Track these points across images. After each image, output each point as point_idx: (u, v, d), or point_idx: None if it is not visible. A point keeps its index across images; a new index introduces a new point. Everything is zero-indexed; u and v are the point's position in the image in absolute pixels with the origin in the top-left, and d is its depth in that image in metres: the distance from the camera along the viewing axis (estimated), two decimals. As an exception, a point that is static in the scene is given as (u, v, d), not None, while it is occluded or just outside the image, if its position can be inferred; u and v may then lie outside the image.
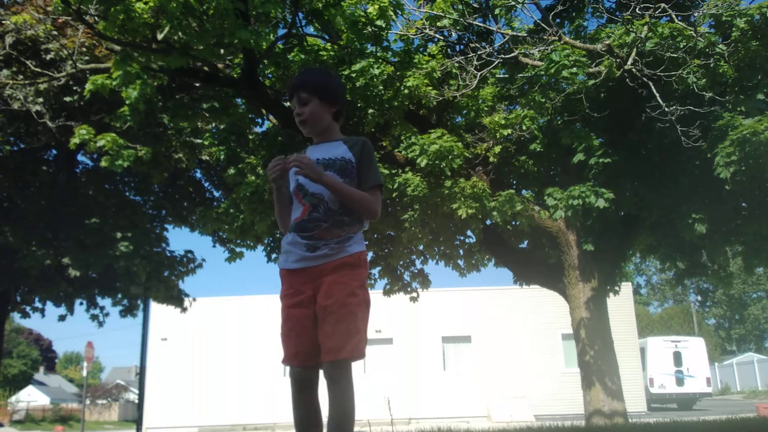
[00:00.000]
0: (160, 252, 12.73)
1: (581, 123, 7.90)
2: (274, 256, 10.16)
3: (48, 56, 9.58)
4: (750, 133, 6.42)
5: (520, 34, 7.74)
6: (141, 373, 18.42)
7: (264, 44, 6.97)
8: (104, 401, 43.97)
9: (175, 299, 13.28)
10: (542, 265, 9.66)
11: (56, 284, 12.23)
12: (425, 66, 7.74)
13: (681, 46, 6.80)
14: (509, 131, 7.90)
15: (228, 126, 9.07)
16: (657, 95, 6.66)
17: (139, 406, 18.15)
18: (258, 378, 21.06)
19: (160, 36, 6.71)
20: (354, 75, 7.41)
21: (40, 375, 57.70)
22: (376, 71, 7.41)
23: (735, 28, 6.86)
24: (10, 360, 49.82)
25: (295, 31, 7.78)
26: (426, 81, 7.64)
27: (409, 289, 10.57)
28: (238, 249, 10.23)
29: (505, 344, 21.17)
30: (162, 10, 6.35)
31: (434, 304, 20.21)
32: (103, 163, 8.09)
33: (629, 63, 6.74)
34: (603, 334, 8.66)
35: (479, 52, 7.62)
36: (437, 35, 8.39)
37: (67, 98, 10.00)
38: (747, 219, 7.81)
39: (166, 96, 9.07)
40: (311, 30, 8.08)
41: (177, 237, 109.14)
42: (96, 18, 6.84)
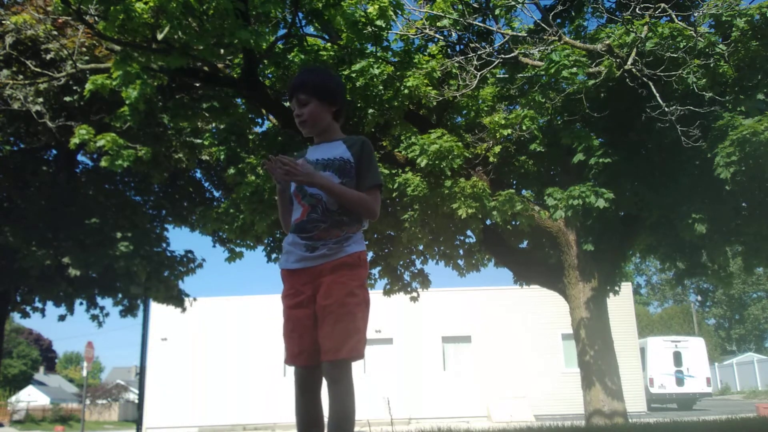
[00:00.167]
0: (160, 252, 12.73)
1: (581, 123, 7.90)
2: (274, 256, 10.16)
3: (48, 56, 9.58)
4: (750, 133, 6.42)
5: (520, 34, 7.74)
6: (141, 373, 18.42)
7: (264, 44, 6.97)
8: (104, 401, 43.96)
9: (175, 299, 13.28)
10: (542, 265, 9.66)
11: (56, 284, 12.23)
12: (425, 66, 7.73)
13: (681, 46, 6.79)
14: (509, 131, 7.90)
15: (228, 126, 9.07)
16: (657, 95, 6.66)
17: (139, 406, 18.15)
18: (258, 378, 21.07)
19: (160, 36, 6.71)
20: (354, 75, 7.41)
21: (40, 375, 57.69)
22: (376, 71, 7.41)
23: (735, 28, 6.86)
24: (10, 360, 49.81)
25: (295, 31, 7.78)
26: (426, 81, 7.64)
27: (409, 289, 10.57)
28: (238, 249, 10.26)
29: (505, 344, 21.17)
30: (162, 10, 6.35)
31: (434, 304, 20.21)
32: (103, 163, 8.10)
33: (629, 63, 6.74)
34: (603, 334, 8.66)
35: (479, 52, 7.62)
36: (437, 35, 8.38)
37: (67, 98, 10.00)
38: (747, 219, 7.81)
39: (166, 96, 9.07)
40: (311, 30, 8.09)
41: (177, 237, 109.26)
42: (96, 18, 6.84)
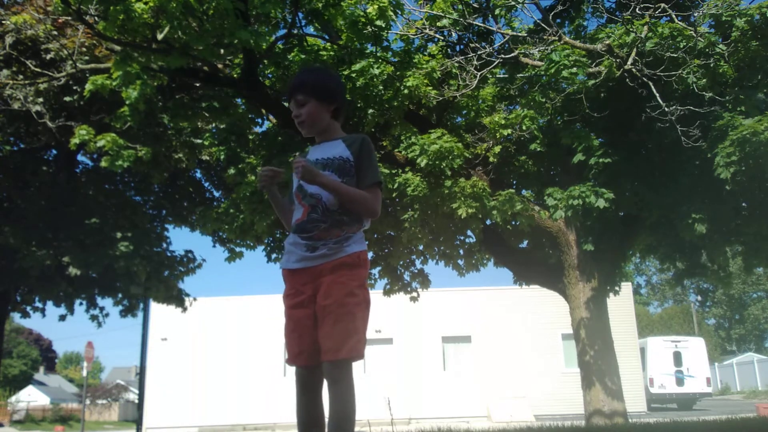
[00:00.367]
0: (160, 252, 12.73)
1: (581, 123, 7.90)
2: (274, 256, 10.17)
3: (48, 56, 9.58)
4: (750, 133, 6.43)
5: (520, 34, 7.74)
6: (141, 373, 18.42)
7: (264, 44, 6.97)
8: (104, 401, 43.97)
9: (176, 299, 13.28)
10: (542, 265, 9.66)
11: (56, 284, 12.23)
12: (425, 66, 7.73)
13: (681, 46, 6.79)
14: (509, 131, 7.90)
15: (228, 126, 9.07)
16: (657, 95, 6.66)
17: (139, 406, 18.15)
18: (258, 378, 21.07)
19: (160, 36, 6.71)
20: (354, 75, 7.41)
21: (40, 375, 57.68)
22: (376, 71, 7.40)
23: (735, 28, 6.86)
24: (10, 360, 49.81)
25: (295, 31, 7.78)
26: (426, 81, 7.63)
27: (409, 289, 10.57)
28: (238, 249, 10.26)
29: (505, 344, 21.17)
30: (162, 10, 6.35)
31: (434, 304, 20.20)
32: (103, 164, 8.10)
33: (629, 63, 6.74)
34: (603, 334, 8.66)
35: (479, 52, 7.62)
36: (437, 35, 8.38)
37: (67, 98, 10.00)
38: (747, 219, 7.81)
39: (166, 96, 9.07)
40: (311, 30, 8.09)
41: (177, 237, 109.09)
42: (96, 18, 6.84)
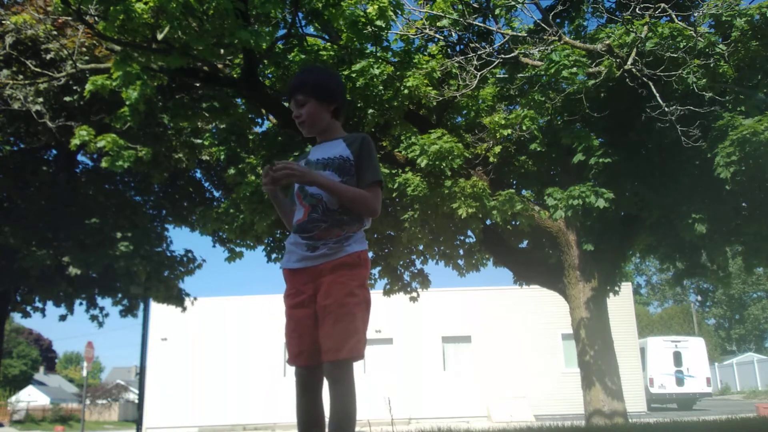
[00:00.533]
0: (161, 252, 12.73)
1: (581, 123, 7.90)
2: (274, 256, 10.17)
3: (48, 56, 9.58)
4: (750, 133, 6.43)
5: (520, 34, 7.74)
6: (141, 373, 18.42)
7: (264, 44, 6.97)
8: (104, 401, 43.97)
9: (176, 299, 13.29)
10: (542, 265, 9.66)
11: (56, 284, 12.23)
12: (425, 66, 7.73)
13: (681, 46, 6.79)
14: (509, 131, 7.90)
15: (228, 126, 9.08)
16: (657, 95, 6.66)
17: (139, 406, 18.14)
18: (258, 378, 21.07)
19: (160, 36, 6.71)
20: (354, 75, 7.41)
21: (40, 375, 57.68)
22: (376, 71, 7.40)
23: (735, 28, 6.86)
24: (10, 360, 49.81)
25: (295, 31, 7.78)
26: (426, 81, 7.63)
27: (409, 289, 10.57)
28: (238, 249, 10.26)
29: (505, 344, 21.17)
30: (162, 10, 6.35)
31: (434, 304, 20.20)
32: (104, 164, 8.10)
33: (629, 63, 6.74)
34: (603, 334, 8.66)
35: (479, 52, 7.62)
36: (437, 35, 8.38)
37: (67, 98, 10.00)
38: (747, 219, 7.82)
39: (166, 96, 9.07)
40: (311, 30, 8.08)
41: (177, 237, 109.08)
42: (96, 18, 6.83)
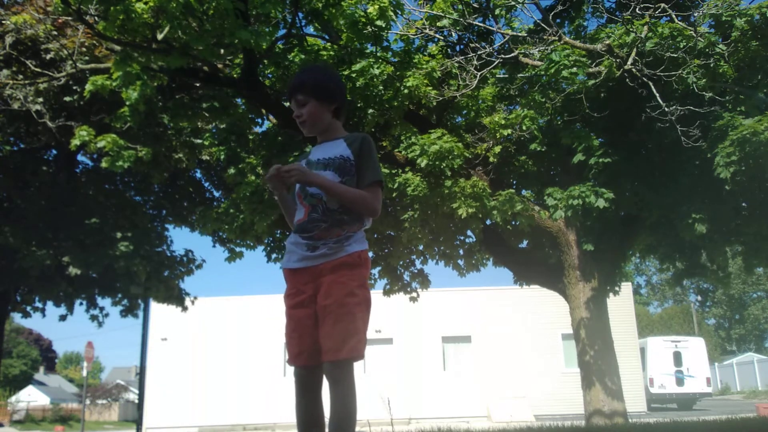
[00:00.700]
0: (161, 252, 12.73)
1: (581, 123, 7.90)
2: (274, 256, 10.17)
3: (48, 56, 9.58)
4: (750, 133, 6.43)
5: (520, 34, 7.74)
6: (141, 373, 18.42)
7: (264, 44, 6.97)
8: (104, 401, 43.97)
9: (176, 299, 13.28)
10: (542, 265, 9.66)
11: (56, 284, 12.23)
12: (425, 66, 7.73)
13: (681, 46, 6.79)
14: (509, 131, 7.90)
15: (228, 126, 9.07)
16: (657, 95, 6.66)
17: (139, 406, 18.14)
18: (258, 378, 21.07)
19: (160, 36, 6.71)
20: (354, 75, 7.41)
21: (40, 375, 57.68)
22: (376, 71, 7.40)
23: (735, 28, 6.86)
24: (10, 360, 49.80)
25: (295, 31, 7.78)
26: (426, 81, 7.63)
27: (409, 289, 10.57)
28: (238, 249, 10.26)
29: (505, 344, 21.17)
30: (162, 10, 6.35)
31: (434, 304, 20.20)
32: (104, 164, 8.10)
33: (629, 63, 6.74)
34: (603, 334, 8.66)
35: (479, 52, 7.62)
36: (437, 35, 8.38)
37: (67, 98, 9.99)
38: (747, 219, 7.82)
39: (166, 96, 9.07)
40: (311, 30, 8.08)
41: (177, 237, 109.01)
42: (96, 18, 6.83)
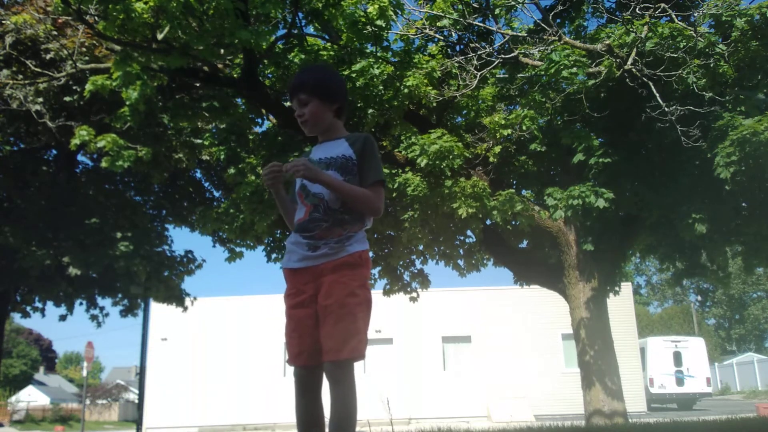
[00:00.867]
0: (161, 252, 12.73)
1: (581, 123, 7.90)
2: (274, 256, 10.16)
3: (48, 56, 9.58)
4: (750, 133, 6.43)
5: (520, 34, 7.75)
6: (141, 373, 18.42)
7: (264, 44, 6.97)
8: (104, 401, 43.98)
9: (176, 299, 13.28)
10: (542, 265, 9.66)
11: (56, 284, 12.23)
12: (425, 66, 7.73)
13: (681, 46, 6.80)
14: (509, 131, 7.90)
15: (228, 126, 9.07)
16: (657, 95, 6.66)
17: (139, 406, 18.14)
18: (258, 378, 21.07)
19: (160, 36, 6.71)
20: (354, 75, 7.41)
21: (40, 375, 57.68)
22: (376, 71, 7.41)
23: (735, 28, 6.86)
24: (10, 360, 49.80)
25: (295, 31, 7.78)
26: (426, 81, 7.64)
27: (409, 289, 10.57)
28: (238, 249, 10.25)
29: (505, 344, 21.17)
30: (162, 10, 6.35)
31: (434, 304, 20.19)
32: (104, 164, 8.10)
33: (629, 63, 6.74)
34: (603, 334, 8.66)
35: (479, 52, 7.62)
36: (437, 35, 8.38)
37: (67, 98, 9.99)
38: (747, 219, 7.82)
39: (166, 96, 9.07)
40: (311, 30, 8.08)
41: (177, 237, 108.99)
42: (96, 18, 6.83)
